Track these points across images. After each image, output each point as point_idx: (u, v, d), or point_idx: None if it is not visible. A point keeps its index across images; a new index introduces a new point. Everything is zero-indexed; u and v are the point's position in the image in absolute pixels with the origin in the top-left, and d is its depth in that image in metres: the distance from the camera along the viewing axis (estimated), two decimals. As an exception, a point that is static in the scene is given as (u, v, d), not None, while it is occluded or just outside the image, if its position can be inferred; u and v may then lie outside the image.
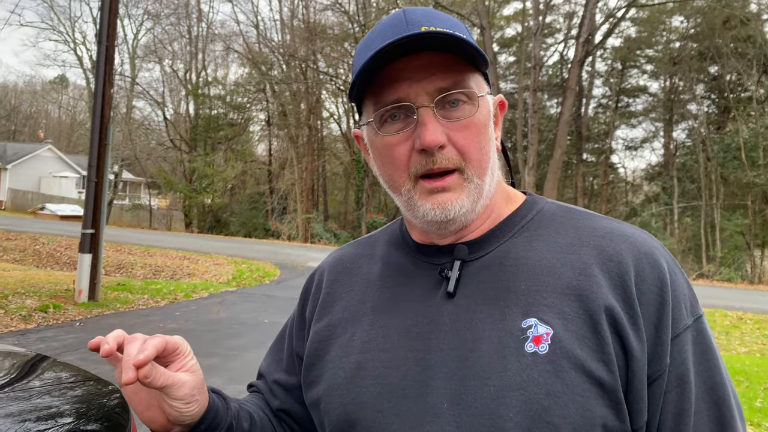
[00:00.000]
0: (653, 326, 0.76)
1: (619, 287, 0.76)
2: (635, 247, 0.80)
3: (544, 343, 0.75)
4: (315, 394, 0.89)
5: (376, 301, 0.89)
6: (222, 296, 10.73)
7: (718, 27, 23.65)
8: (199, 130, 34.34)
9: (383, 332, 0.85)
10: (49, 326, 7.48)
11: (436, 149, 0.78)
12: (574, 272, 0.79)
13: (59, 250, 16.48)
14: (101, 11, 9.19)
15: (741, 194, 23.76)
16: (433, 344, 0.80)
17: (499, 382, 0.74)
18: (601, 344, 0.74)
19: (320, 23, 30.75)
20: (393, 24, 0.81)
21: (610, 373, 0.73)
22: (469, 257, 0.84)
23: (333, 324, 0.91)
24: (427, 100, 0.79)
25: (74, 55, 41.80)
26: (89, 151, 9.07)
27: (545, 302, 0.77)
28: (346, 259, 1.00)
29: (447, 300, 0.82)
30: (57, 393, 2.08)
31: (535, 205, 0.90)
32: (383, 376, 0.82)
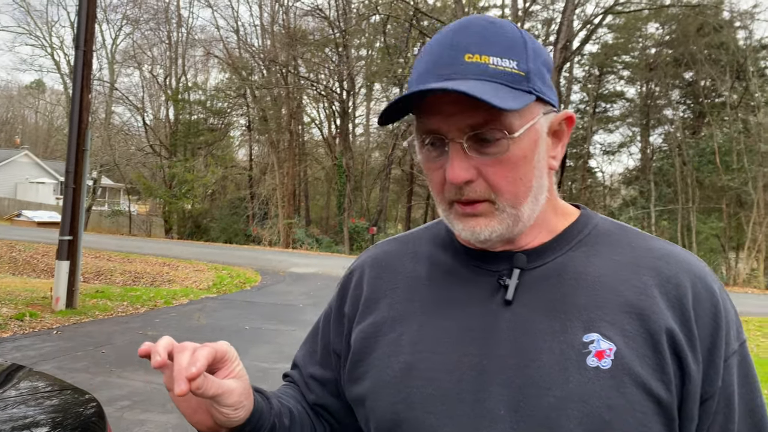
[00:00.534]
0: (707, 349, 0.78)
1: (677, 310, 0.79)
2: (691, 270, 0.82)
3: (606, 358, 0.76)
4: (360, 390, 0.90)
5: (426, 301, 0.88)
6: (202, 303, 10.67)
7: (693, 34, 24.08)
8: (179, 136, 34.07)
9: (435, 334, 0.84)
10: (25, 335, 7.38)
11: (462, 184, 0.79)
12: (634, 291, 0.80)
13: (36, 257, 16.24)
14: (78, 16, 9.11)
15: (716, 198, 24.17)
16: (490, 350, 0.80)
17: (560, 393, 0.75)
18: (661, 364, 0.76)
19: (300, 28, 30.73)
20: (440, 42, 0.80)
21: (668, 392, 0.76)
22: (527, 266, 0.84)
23: (379, 322, 0.91)
24: (458, 135, 0.78)
25: (51, 59, 41.30)
26: (67, 156, 8.98)
27: (607, 318, 0.78)
28: (388, 257, 0.98)
29: (504, 307, 0.82)
30: (33, 403, 2.07)
31: (591, 220, 0.90)
32: (436, 379, 0.82)
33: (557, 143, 0.87)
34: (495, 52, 0.77)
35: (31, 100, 55.28)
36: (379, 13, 26.68)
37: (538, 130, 0.81)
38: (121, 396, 5.21)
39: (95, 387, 5.27)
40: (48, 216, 32.02)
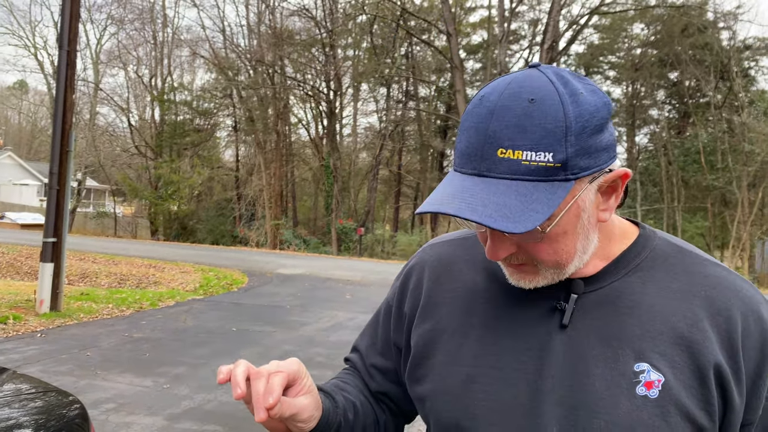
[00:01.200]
0: (752, 380, 0.82)
1: (726, 343, 0.81)
2: (743, 302, 0.84)
3: (655, 389, 0.79)
4: (420, 391, 0.95)
5: (484, 316, 0.91)
6: (189, 305, 10.59)
7: (677, 34, 24.32)
8: (164, 136, 33.84)
9: (494, 350, 0.88)
10: (8, 338, 7.28)
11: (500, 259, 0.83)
12: (686, 323, 0.82)
13: (20, 259, 16.06)
14: (62, 15, 9.01)
15: (701, 197, 24.42)
16: (545, 371, 0.84)
17: (609, 418, 0.79)
18: (707, 396, 0.80)
19: (287, 29, 30.65)
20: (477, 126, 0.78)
21: (711, 422, 0.80)
22: (583, 290, 0.86)
23: (438, 329, 0.95)
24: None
25: (35, 60, 40.90)
26: (50, 158, 8.87)
27: (658, 350, 0.81)
28: (446, 261, 1.01)
29: (560, 330, 0.85)
30: (17, 405, 2.03)
31: (648, 241, 0.91)
32: (496, 392, 0.86)
33: (610, 196, 0.85)
34: (529, 144, 0.75)
35: (14, 101, 54.70)
36: (366, 13, 26.69)
37: (580, 205, 0.80)
38: (106, 399, 5.16)
39: (80, 390, 5.21)
40: (32, 218, 31.70)
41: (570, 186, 0.77)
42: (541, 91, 0.76)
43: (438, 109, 33.15)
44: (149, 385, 5.62)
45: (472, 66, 32.28)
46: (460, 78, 22.76)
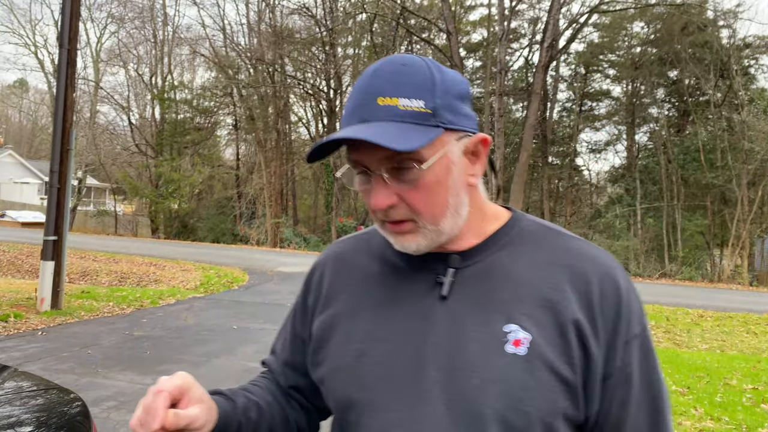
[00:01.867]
0: (609, 335, 0.91)
1: (584, 303, 0.92)
2: (599, 268, 0.95)
3: (522, 346, 0.89)
4: (319, 374, 1.03)
5: (377, 296, 1.00)
6: (189, 302, 10.61)
7: (677, 33, 24.29)
8: (165, 135, 33.83)
9: (385, 325, 0.97)
10: (9, 336, 7.31)
11: (385, 208, 0.91)
12: (549, 287, 0.93)
13: (21, 257, 16.08)
14: (62, 14, 9.03)
15: (700, 195, 24.41)
16: (429, 339, 0.93)
17: (483, 375, 0.88)
18: (568, 350, 0.89)
19: (287, 27, 30.63)
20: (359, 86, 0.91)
21: (574, 374, 0.89)
22: (460, 265, 0.97)
23: (337, 314, 1.03)
24: (377, 168, 0.90)
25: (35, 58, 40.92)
26: (51, 156, 8.89)
27: (525, 312, 0.91)
28: (346, 254, 1.11)
29: (440, 302, 0.95)
30: (18, 402, 2.05)
31: (518, 222, 1.02)
32: (384, 363, 0.94)
33: (475, 162, 0.97)
34: (404, 93, 0.88)
35: (15, 100, 54.68)
36: (366, 11, 26.67)
37: (449, 157, 0.92)
38: (107, 396, 5.18)
39: (81, 388, 5.23)
40: (32, 216, 31.72)
41: (440, 132, 0.89)
42: (412, 59, 0.92)
43: (438, 107, 33.08)
44: (150, 383, 5.60)
45: (472, 64, 32.26)
46: (460, 76, 22.73)
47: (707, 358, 8.00)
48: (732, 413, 5.51)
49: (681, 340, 9.44)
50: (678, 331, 10.09)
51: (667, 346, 8.85)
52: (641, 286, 16.83)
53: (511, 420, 0.87)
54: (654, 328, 10.26)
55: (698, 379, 6.75)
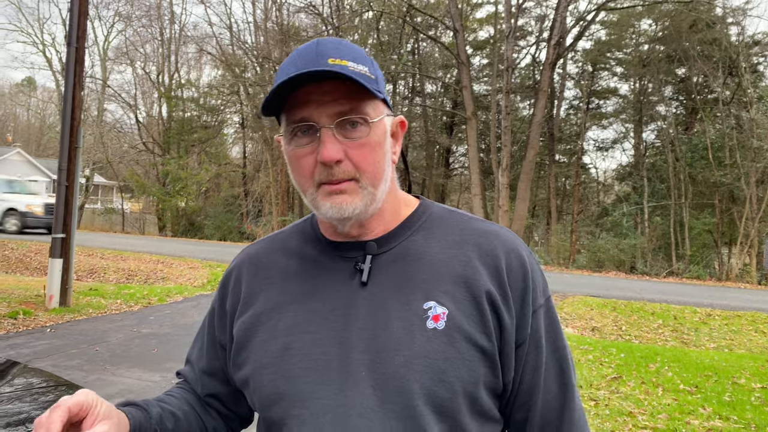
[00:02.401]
0: (519, 305, 0.98)
1: (494, 275, 0.98)
2: (505, 244, 1.01)
3: (441, 320, 0.94)
4: (243, 374, 1.03)
5: (297, 290, 1.03)
6: (197, 300, 10.65)
7: (685, 30, 24.14)
8: (172, 133, 33.92)
9: (307, 317, 0.99)
10: (19, 333, 7.35)
11: (333, 163, 0.93)
12: (461, 264, 0.98)
13: (29, 255, 16.17)
14: (70, 12, 9.06)
15: (708, 193, 24.25)
16: (352, 324, 0.96)
17: (408, 352, 0.92)
18: (484, 320, 0.95)
19: (294, 25, 30.64)
20: (305, 53, 0.95)
21: (490, 342, 0.95)
22: (377, 251, 1.01)
23: (257, 313, 1.04)
24: (328, 122, 0.93)
25: (43, 57, 41.05)
26: (59, 154, 8.93)
27: (441, 289, 0.96)
28: (262, 255, 1.12)
29: (361, 288, 0.98)
30: (28, 399, 2.06)
31: (427, 208, 1.08)
32: (309, 354, 0.96)
33: (395, 142, 1.03)
34: (351, 58, 0.94)
35: (23, 98, 54.95)
36: (373, 9, 26.63)
37: (385, 124, 0.99)
38: (115, 393, 5.21)
39: (90, 384, 5.26)
40: (41, 214, 31.80)
41: (381, 97, 0.97)
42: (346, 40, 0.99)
43: (444, 105, 33.07)
44: (157, 380, 5.67)
45: (478, 62, 32.16)
46: (466, 74, 22.70)
47: (715, 357, 7.95)
48: (740, 412, 5.48)
49: (689, 339, 9.39)
50: (686, 330, 10.05)
51: (674, 345, 8.81)
52: (648, 284, 16.77)
53: (436, 392, 0.90)
54: (661, 326, 10.22)
55: (706, 378, 6.72)
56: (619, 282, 17.14)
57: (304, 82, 0.92)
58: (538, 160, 26.94)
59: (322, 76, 0.91)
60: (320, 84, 0.92)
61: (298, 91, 0.94)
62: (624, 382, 6.42)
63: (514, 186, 23.35)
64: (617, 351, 7.84)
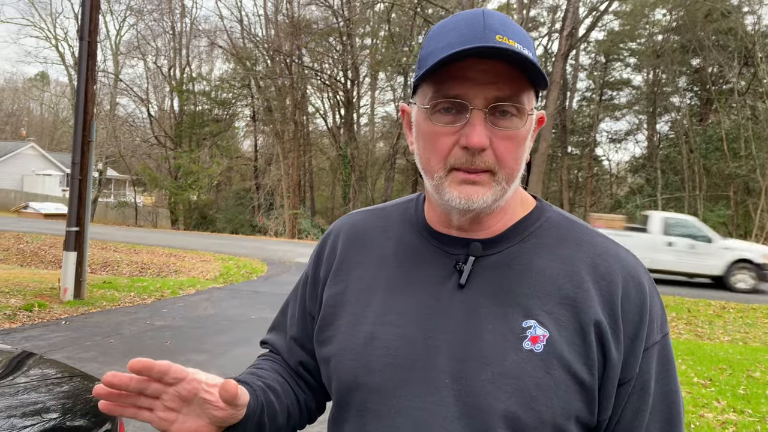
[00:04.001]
0: (630, 339, 0.88)
1: (607, 304, 0.88)
2: (625, 269, 0.91)
3: (540, 343, 0.86)
4: (326, 352, 0.99)
5: (391, 278, 0.97)
6: (209, 293, 10.71)
7: (700, 20, 23.86)
8: (183, 127, 34.07)
9: (396, 309, 0.94)
10: (34, 325, 7.43)
11: (478, 150, 0.85)
12: (572, 284, 0.89)
13: (44, 248, 16.33)
14: (82, 7, 9.09)
15: (723, 185, 24.03)
16: (441, 327, 0.90)
17: (497, 369, 0.85)
18: (587, 351, 0.86)
19: (304, 18, 30.60)
20: (470, 24, 0.86)
21: (591, 376, 0.86)
22: (481, 253, 0.93)
23: (348, 292, 1.00)
24: (482, 104, 0.85)
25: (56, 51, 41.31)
26: (72, 148, 8.99)
27: (544, 308, 0.88)
28: (360, 229, 1.06)
29: (457, 290, 0.91)
30: (43, 389, 2.08)
31: (543, 212, 0.99)
32: (394, 348, 0.91)
33: (531, 138, 0.94)
34: (518, 39, 0.85)
35: (36, 92, 55.37)
36: (384, 1, 26.53)
37: (533, 119, 0.91)
38: (129, 385, 5.25)
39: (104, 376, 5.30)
40: (54, 208, 32.17)
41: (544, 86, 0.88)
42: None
43: (456, 97, 32.91)
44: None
45: (490, 54, 31.98)
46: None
47: (730, 350, 7.89)
48: (755, 405, 5.44)
49: (703, 331, 9.32)
50: (700, 323, 9.97)
51: (688, 338, 8.75)
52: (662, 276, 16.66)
53: (521, 418, 0.84)
54: (675, 319, 10.15)
55: (721, 371, 6.67)
56: (632, 274, 17.00)
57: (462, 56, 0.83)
58: (550, 153, 26.79)
59: (483, 54, 0.83)
60: (479, 61, 0.84)
61: (454, 63, 0.84)
62: (637, 374, 6.38)
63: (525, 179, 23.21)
64: (630, 344, 7.80)
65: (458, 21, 0.88)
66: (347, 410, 0.94)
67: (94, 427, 1.92)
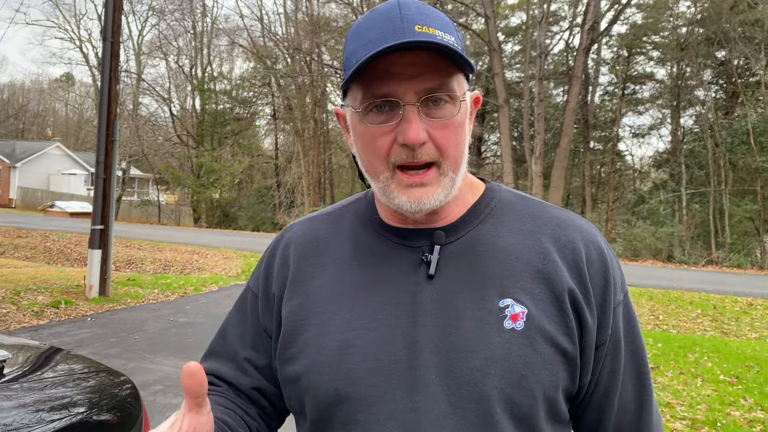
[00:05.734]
0: (600, 303, 0.90)
1: (575, 271, 0.89)
2: (584, 236, 0.93)
3: (520, 320, 0.86)
4: (293, 371, 0.92)
5: (355, 281, 0.93)
6: (231, 290, 10.80)
7: (726, 11, 23.40)
8: (205, 126, 34.38)
9: (367, 311, 0.90)
10: (61, 322, 7.56)
11: (417, 145, 0.84)
12: (539, 258, 0.90)
13: (69, 246, 16.60)
14: (105, 8, 9.21)
15: (750, 180, 23.57)
16: (418, 321, 0.87)
17: (483, 355, 0.84)
18: (565, 320, 0.87)
19: (324, 16, 30.67)
20: (388, 17, 0.85)
21: (572, 344, 0.87)
22: (445, 241, 0.92)
23: (309, 303, 0.94)
24: (413, 99, 0.84)
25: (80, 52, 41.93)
26: (97, 147, 9.13)
27: (518, 285, 0.88)
28: (311, 237, 1.01)
29: (427, 281, 0.89)
30: (70, 384, 2.12)
31: (495, 193, 0.99)
32: (373, 353, 0.87)
33: (470, 120, 0.93)
34: (438, 26, 0.84)
35: (61, 93, 56.27)
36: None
37: (467, 102, 0.90)
38: (153, 381, 5.32)
39: (129, 372, 5.38)
40: (80, 206, 32.68)
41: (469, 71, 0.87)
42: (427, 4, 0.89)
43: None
44: (194, 368, 5.77)
45: (510, 49, 31.75)
46: (498, 61, 22.41)
47: (757, 347, 7.75)
48: (784, 404, 5.34)
49: (729, 328, 9.17)
50: (726, 320, 9.81)
51: (714, 335, 8.62)
52: (686, 273, 16.42)
53: (516, 398, 0.83)
54: (700, 316, 10.00)
55: (748, 369, 6.55)
56: (655, 271, 16.82)
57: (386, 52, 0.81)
58: (572, 148, 26.52)
59: (406, 48, 0.81)
60: (404, 54, 0.82)
61: (378, 60, 0.82)
62: (662, 372, 6.30)
63: (547, 174, 23.03)
64: (654, 341, 7.70)
65: (376, 16, 0.86)
66: (329, 427, 0.89)
67: (120, 421, 1.95)
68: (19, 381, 1.98)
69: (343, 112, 0.96)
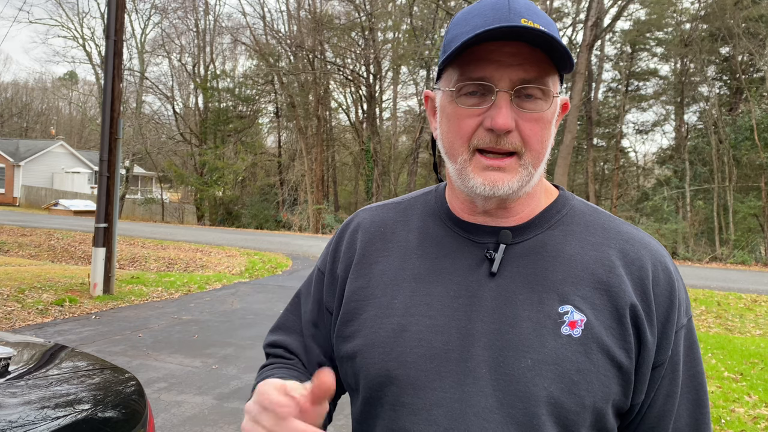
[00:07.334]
0: (662, 323, 0.90)
1: (639, 288, 0.89)
2: (652, 255, 0.93)
3: (578, 328, 0.86)
4: (350, 348, 0.96)
5: (417, 269, 0.95)
6: (235, 287, 10.82)
7: (729, 7, 23.32)
8: (208, 123, 34.42)
9: (426, 300, 0.92)
10: (65, 319, 7.59)
11: (503, 132, 0.86)
12: (604, 270, 0.90)
13: (73, 244, 16.65)
14: (108, 6, 9.22)
15: (754, 176, 23.51)
16: (475, 316, 0.89)
17: (536, 356, 0.85)
18: (624, 335, 0.87)
19: (327, 13, 30.64)
20: (496, 8, 0.87)
21: (629, 359, 0.87)
22: (511, 241, 0.93)
23: (371, 285, 0.97)
24: (507, 86, 0.85)
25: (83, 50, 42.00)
26: (100, 146, 9.14)
27: (580, 293, 0.89)
28: (380, 222, 1.05)
29: (489, 278, 0.91)
30: (75, 381, 2.12)
31: (567, 201, 0.99)
32: (427, 340, 0.89)
33: (556, 123, 0.94)
34: (543, 23, 0.85)
35: (65, 92, 56.40)
36: (405, -5, 26.42)
37: (557, 103, 0.91)
38: (158, 378, 5.33)
39: (133, 369, 5.39)
40: (84, 205, 32.76)
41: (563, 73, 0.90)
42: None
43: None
44: (198, 366, 5.79)
45: (513, 46, 31.66)
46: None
47: (761, 344, 7.73)
48: (789, 400, 5.33)
49: (733, 325, 9.15)
50: (730, 317, 9.79)
51: (718, 332, 8.60)
52: (690, 270, 16.38)
53: (564, 404, 0.84)
54: (704, 312, 9.98)
55: (752, 366, 6.54)
56: (659, 268, 16.77)
57: (489, 38, 0.83)
58: (576, 145, 26.47)
59: (509, 35, 0.83)
60: (504, 43, 0.85)
61: (478, 46, 0.85)
62: (666, 369, 6.30)
63: (551, 171, 23.00)
64: (658, 337, 7.69)
65: (483, 6, 0.88)
66: (378, 406, 0.92)
67: (124, 418, 1.96)
68: (24, 378, 1.99)
69: (433, 94, 0.98)
